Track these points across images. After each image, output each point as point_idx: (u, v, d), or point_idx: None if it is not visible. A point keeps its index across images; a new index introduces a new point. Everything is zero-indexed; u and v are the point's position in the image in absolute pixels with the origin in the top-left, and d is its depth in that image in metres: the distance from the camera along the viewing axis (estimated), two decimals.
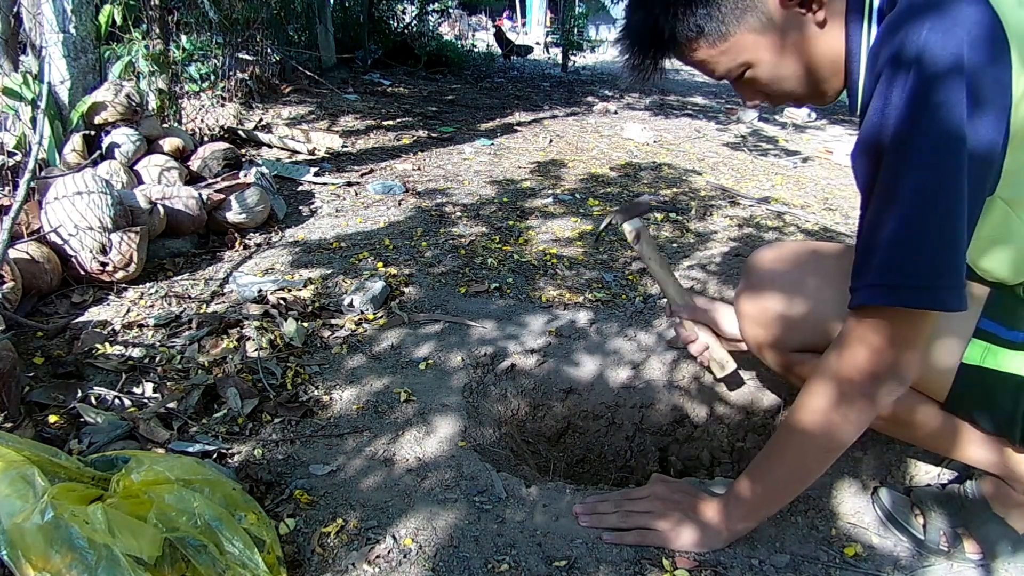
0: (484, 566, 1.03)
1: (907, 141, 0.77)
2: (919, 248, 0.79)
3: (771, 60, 0.91)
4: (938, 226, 0.78)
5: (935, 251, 0.78)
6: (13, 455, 0.88)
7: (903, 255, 0.80)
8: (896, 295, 0.81)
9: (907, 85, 0.77)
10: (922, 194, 0.77)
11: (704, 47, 0.92)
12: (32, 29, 2.42)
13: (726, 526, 1.06)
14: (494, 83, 6.51)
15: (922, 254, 0.79)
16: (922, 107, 0.76)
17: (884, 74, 0.80)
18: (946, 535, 1.09)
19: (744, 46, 0.90)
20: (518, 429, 1.57)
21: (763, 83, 0.94)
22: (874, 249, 0.82)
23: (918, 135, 0.77)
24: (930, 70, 0.75)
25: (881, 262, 0.81)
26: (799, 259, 1.14)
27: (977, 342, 0.94)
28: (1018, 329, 0.93)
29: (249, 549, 0.90)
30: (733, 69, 0.93)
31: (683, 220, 2.72)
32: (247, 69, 4.30)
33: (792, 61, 0.91)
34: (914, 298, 0.80)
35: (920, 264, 0.79)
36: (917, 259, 0.79)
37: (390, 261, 2.18)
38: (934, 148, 0.76)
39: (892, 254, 0.80)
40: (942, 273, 0.79)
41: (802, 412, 0.95)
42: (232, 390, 1.43)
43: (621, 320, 1.85)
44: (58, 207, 1.88)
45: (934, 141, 0.76)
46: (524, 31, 14.70)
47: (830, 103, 0.98)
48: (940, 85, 0.75)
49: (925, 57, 0.75)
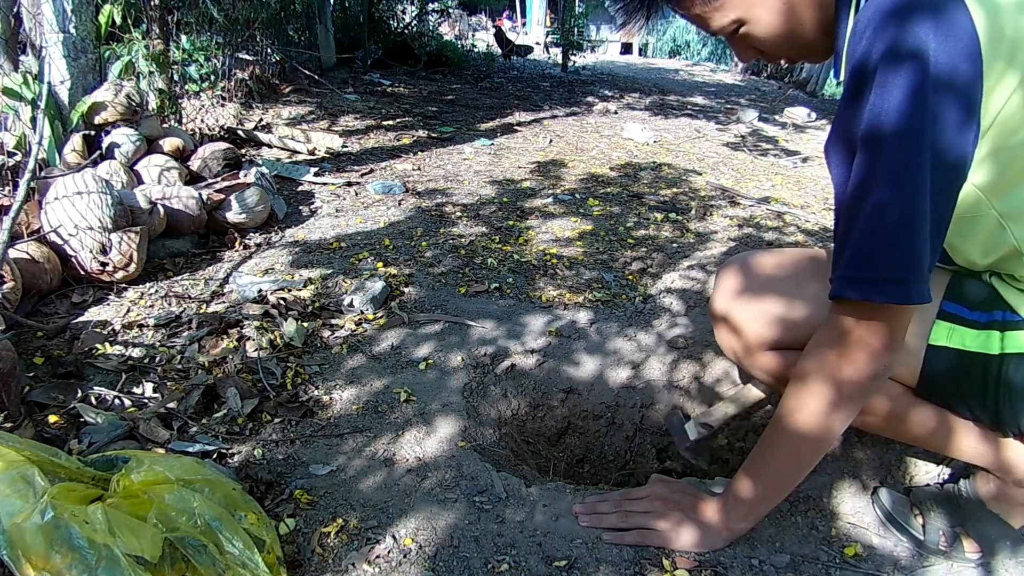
0: (484, 566, 1.03)
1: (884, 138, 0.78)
2: (889, 241, 0.80)
3: (764, 17, 0.91)
4: (906, 221, 0.79)
5: (904, 245, 0.80)
6: (13, 455, 0.88)
7: (872, 248, 0.81)
8: (863, 288, 0.82)
9: (904, 84, 0.76)
10: (895, 190, 0.78)
11: (698, 2, 0.92)
12: (32, 29, 2.42)
13: (726, 526, 1.07)
14: (494, 83, 6.51)
15: (891, 248, 0.80)
16: (920, 107, 0.76)
17: (880, 68, 0.79)
18: (945, 535, 1.10)
19: (737, 3, 0.91)
20: (518, 429, 1.57)
21: (756, 39, 0.94)
22: (847, 241, 0.84)
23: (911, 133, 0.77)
24: (929, 75, 0.75)
25: (851, 254, 0.83)
26: (791, 262, 1.17)
27: (942, 323, 0.97)
28: (980, 310, 0.95)
29: (249, 549, 0.90)
30: (726, 26, 0.93)
31: (683, 220, 2.72)
32: (247, 69, 4.30)
33: (785, 19, 0.91)
34: (880, 291, 0.82)
35: (888, 258, 0.81)
36: (886, 253, 0.81)
37: (390, 261, 2.18)
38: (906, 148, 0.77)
39: (861, 248, 0.82)
40: (908, 267, 0.80)
41: (791, 405, 0.96)
42: (232, 390, 1.43)
43: (621, 320, 1.85)
44: (58, 207, 1.88)
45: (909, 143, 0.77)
46: (524, 31, 14.70)
47: (824, 60, 0.97)
48: (937, 91, 0.75)
49: (925, 61, 0.75)
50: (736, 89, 7.82)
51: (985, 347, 0.94)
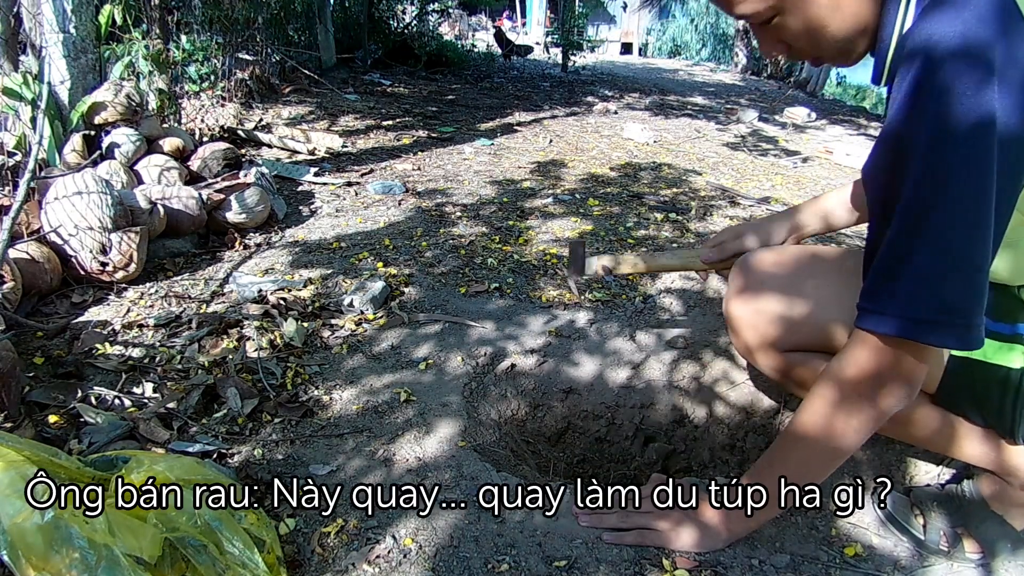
0: (484, 566, 1.03)
1: (942, 152, 0.74)
2: (947, 287, 0.77)
3: (803, 9, 0.85)
4: (970, 264, 0.76)
5: (960, 289, 0.77)
6: (13, 455, 0.88)
7: (930, 293, 0.77)
8: (917, 331, 0.79)
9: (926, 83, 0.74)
10: (952, 224, 0.75)
11: None
12: (32, 29, 2.42)
13: (726, 527, 1.06)
14: (494, 83, 6.51)
15: (947, 292, 0.77)
16: (946, 115, 0.72)
17: (900, 72, 0.77)
18: (946, 535, 1.09)
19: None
20: (518, 429, 1.57)
21: (790, 33, 0.88)
22: (897, 276, 0.80)
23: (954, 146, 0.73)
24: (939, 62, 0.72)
25: (905, 295, 0.79)
26: (796, 261, 1.15)
27: None
28: (1004, 321, 0.93)
29: (249, 549, 0.90)
30: (763, 12, 0.86)
31: (683, 220, 2.72)
32: (247, 69, 4.30)
33: (826, 14, 0.85)
34: (934, 335, 0.79)
35: (944, 302, 0.77)
36: (942, 297, 0.77)
37: (390, 261, 2.18)
38: (968, 163, 0.73)
39: (917, 288, 0.78)
40: (964, 311, 0.77)
41: (807, 418, 0.95)
42: (232, 390, 1.43)
43: (621, 320, 1.85)
44: (58, 207, 1.88)
45: (964, 153, 0.73)
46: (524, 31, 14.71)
47: (852, 65, 0.92)
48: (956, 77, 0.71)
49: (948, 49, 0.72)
50: (736, 89, 7.82)
51: (1007, 360, 0.93)
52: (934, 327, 0.78)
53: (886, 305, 0.81)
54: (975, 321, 0.78)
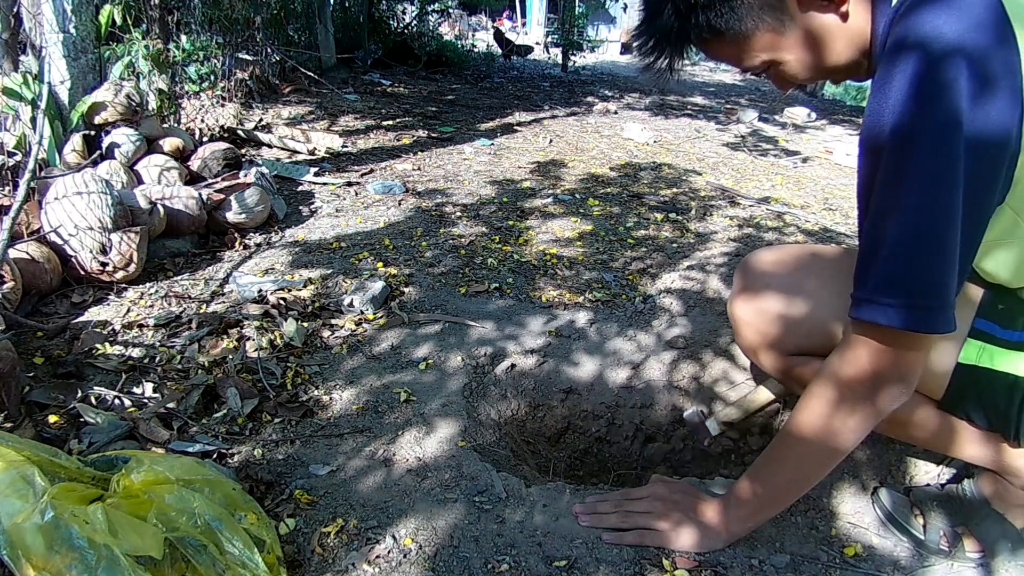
0: (484, 566, 1.03)
1: (909, 139, 0.76)
2: (915, 267, 0.78)
3: (794, 56, 0.90)
4: (937, 244, 0.77)
5: (930, 271, 0.78)
6: (13, 455, 0.88)
7: (899, 274, 0.79)
8: (888, 314, 0.81)
9: (905, 76, 0.75)
10: (922, 206, 0.76)
11: (725, 46, 0.91)
12: (32, 29, 2.42)
13: (726, 527, 1.06)
14: (494, 83, 6.51)
15: (917, 274, 0.79)
16: (923, 101, 0.74)
17: (881, 66, 0.79)
18: (946, 535, 1.09)
19: (765, 45, 0.89)
20: (518, 429, 1.57)
21: (791, 75, 0.93)
22: (873, 260, 0.82)
23: (919, 134, 0.75)
24: (930, 58, 0.73)
25: (878, 277, 0.81)
26: (796, 261, 1.15)
27: (973, 342, 0.95)
28: (1013, 329, 0.93)
29: (249, 549, 0.90)
30: (756, 66, 0.92)
31: (683, 220, 2.72)
32: (247, 69, 4.30)
33: (814, 53, 0.89)
34: (905, 318, 0.80)
35: (915, 284, 0.79)
36: (912, 279, 0.79)
37: (390, 261, 2.18)
38: (935, 150, 0.75)
39: (888, 271, 0.80)
40: (934, 294, 0.79)
41: (804, 417, 0.95)
42: (232, 390, 1.43)
43: (621, 320, 1.85)
44: (58, 207, 1.88)
45: (935, 141, 0.75)
46: (524, 31, 14.70)
47: (869, 78, 0.93)
48: (941, 73, 0.73)
49: (926, 45, 0.74)
50: (736, 89, 7.82)
51: (1014, 368, 0.93)
52: (902, 310, 0.80)
53: (863, 289, 0.83)
54: (942, 303, 0.79)
